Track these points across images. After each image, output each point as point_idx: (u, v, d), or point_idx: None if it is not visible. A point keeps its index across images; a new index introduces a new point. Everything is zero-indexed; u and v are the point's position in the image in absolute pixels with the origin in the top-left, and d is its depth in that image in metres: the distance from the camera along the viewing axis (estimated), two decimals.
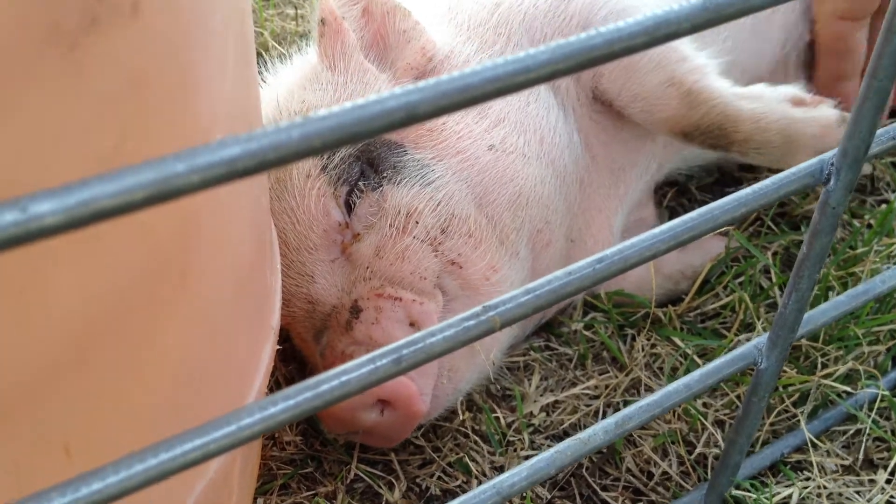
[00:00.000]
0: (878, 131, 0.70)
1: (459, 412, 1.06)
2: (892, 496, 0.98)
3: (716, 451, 1.04)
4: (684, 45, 1.12)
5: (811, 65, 1.42)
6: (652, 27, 0.49)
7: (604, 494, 1.02)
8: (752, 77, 1.28)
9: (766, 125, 1.08)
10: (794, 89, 1.12)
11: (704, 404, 1.09)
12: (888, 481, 1.00)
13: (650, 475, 1.03)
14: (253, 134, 0.40)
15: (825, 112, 1.10)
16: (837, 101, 1.14)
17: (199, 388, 0.67)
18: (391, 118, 0.43)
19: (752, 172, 1.40)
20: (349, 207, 0.99)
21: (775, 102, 1.10)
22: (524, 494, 0.99)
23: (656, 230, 0.65)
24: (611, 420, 0.79)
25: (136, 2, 0.47)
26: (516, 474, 0.73)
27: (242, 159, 0.40)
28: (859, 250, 1.21)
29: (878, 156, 0.72)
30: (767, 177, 1.30)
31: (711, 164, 1.38)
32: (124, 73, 0.49)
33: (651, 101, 1.11)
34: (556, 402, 1.11)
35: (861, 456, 1.03)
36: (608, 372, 1.14)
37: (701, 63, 1.11)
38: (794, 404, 1.08)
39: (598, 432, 0.77)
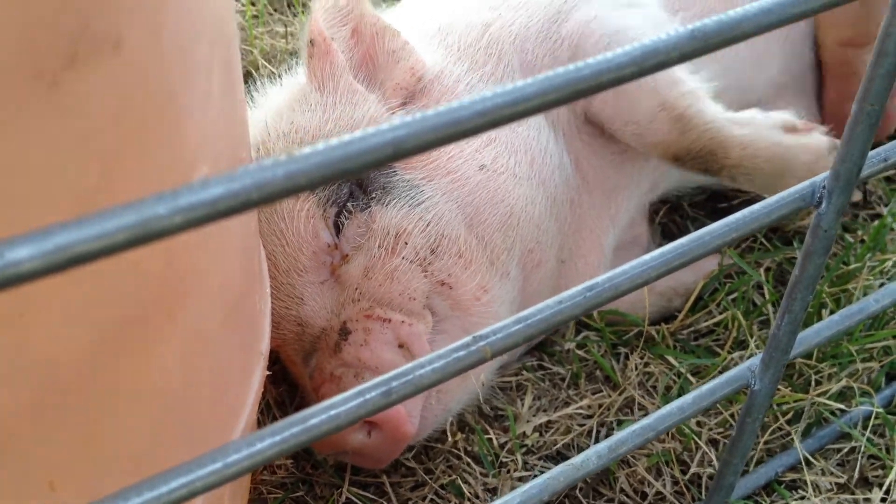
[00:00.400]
0: (870, 153, 0.69)
1: (450, 434, 1.05)
2: None
3: (710, 470, 1.03)
4: (677, 69, 1.11)
5: (817, 89, 1.45)
6: (640, 57, 0.49)
7: None
8: (746, 102, 1.27)
9: (756, 151, 1.07)
10: (786, 115, 1.11)
11: (698, 423, 1.08)
12: (883, 500, 1.00)
13: (644, 495, 1.03)
14: (236, 174, 0.39)
15: (816, 139, 1.09)
16: (830, 127, 1.14)
17: (188, 418, 0.67)
18: (378, 154, 0.42)
19: (744, 192, 1.39)
20: (338, 229, 0.98)
21: (766, 129, 1.09)
22: None
23: (647, 257, 0.64)
24: (603, 445, 0.78)
25: (119, 38, 0.47)
26: (509, 501, 0.72)
27: (225, 199, 0.39)
28: (852, 266, 1.21)
29: (868, 178, 0.71)
30: (759, 196, 1.30)
31: (705, 186, 1.38)
32: (107, 109, 0.48)
33: (643, 125, 1.10)
34: (549, 422, 1.10)
35: (856, 474, 1.03)
36: (601, 391, 1.13)
37: (693, 87, 1.10)
38: (788, 422, 1.07)
39: (590, 457, 0.77)
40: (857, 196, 1.38)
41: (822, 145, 1.08)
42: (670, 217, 1.38)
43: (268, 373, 0.83)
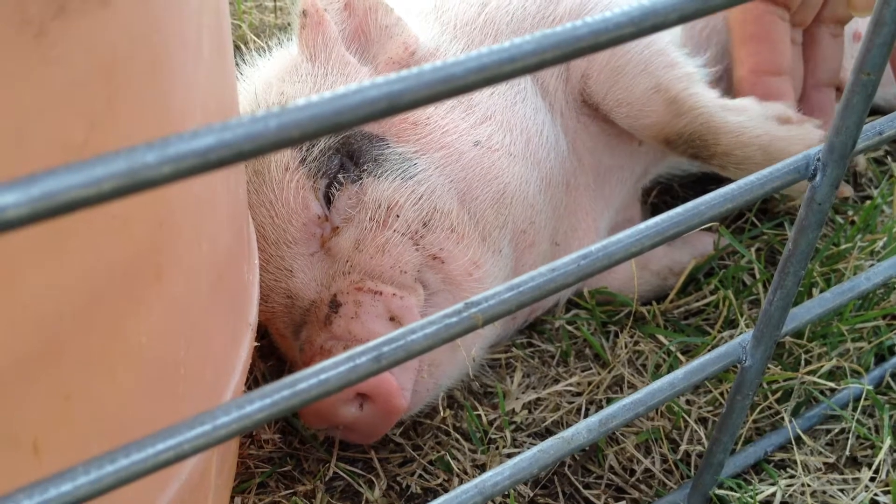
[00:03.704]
0: (865, 126, 0.69)
1: (440, 410, 1.05)
2: (875, 494, 0.98)
3: (699, 448, 1.03)
4: (674, 51, 1.11)
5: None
6: (639, 17, 0.48)
7: (586, 492, 1.01)
8: None
9: (748, 140, 1.06)
10: (781, 106, 1.10)
11: (688, 401, 1.08)
12: (872, 479, 1.00)
13: (632, 472, 1.02)
14: (228, 123, 0.38)
15: (808, 131, 1.08)
16: (820, 122, 1.11)
17: (174, 385, 0.66)
18: (372, 108, 0.41)
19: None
20: (328, 200, 0.97)
21: (760, 118, 1.08)
22: (507, 493, 0.97)
23: (641, 225, 0.64)
24: (594, 419, 0.77)
25: None
26: (499, 473, 0.72)
27: (216, 150, 0.38)
28: (842, 246, 1.21)
29: (863, 151, 0.71)
30: None
31: (696, 172, 1.37)
32: (94, 61, 0.47)
33: (636, 106, 1.09)
34: (539, 399, 1.09)
35: (845, 454, 1.03)
36: (591, 369, 1.13)
37: (689, 70, 1.09)
38: (778, 401, 1.07)
39: (581, 431, 0.76)
40: (848, 191, 1.35)
41: (813, 138, 1.07)
42: (661, 198, 1.38)
43: (256, 344, 0.82)
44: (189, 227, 0.62)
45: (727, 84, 1.28)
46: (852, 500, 0.97)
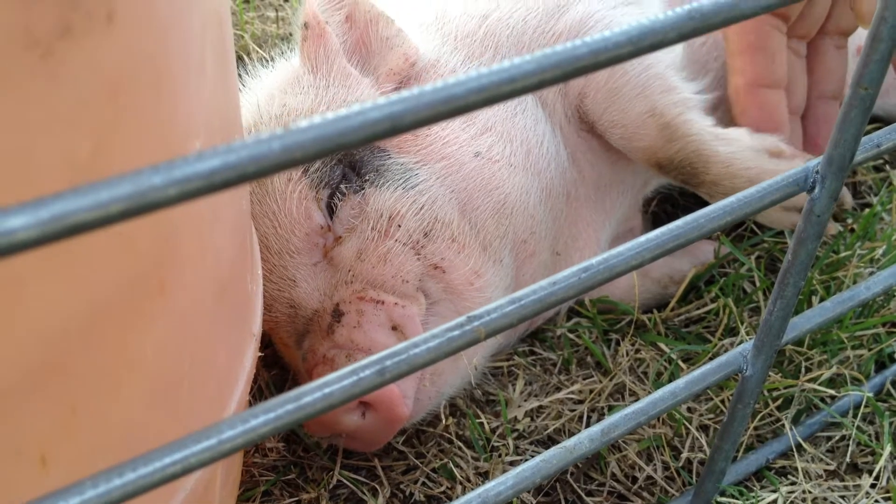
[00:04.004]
0: (863, 139, 0.70)
1: (443, 418, 1.05)
2: (876, 501, 0.98)
3: (700, 455, 1.04)
4: (672, 75, 1.11)
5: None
6: (637, 37, 0.49)
7: (588, 500, 1.01)
8: None
9: (736, 171, 1.06)
10: (774, 139, 1.10)
11: (689, 409, 1.08)
12: (872, 486, 1.00)
13: (634, 480, 1.03)
14: (232, 146, 0.39)
15: (798, 166, 1.07)
16: (810, 157, 1.11)
17: (178, 397, 0.66)
18: (374, 129, 0.42)
19: None
20: (331, 211, 0.98)
21: (751, 150, 1.07)
22: (509, 502, 0.98)
23: (642, 238, 0.64)
24: (596, 428, 0.78)
25: (112, 9, 0.46)
26: (501, 483, 0.72)
27: (221, 172, 0.39)
28: (842, 254, 1.22)
29: (862, 164, 0.72)
30: None
31: None
32: (100, 81, 0.48)
33: (630, 129, 1.10)
34: (541, 407, 1.10)
35: (846, 460, 1.03)
36: (592, 377, 1.14)
37: (686, 96, 1.09)
38: (779, 409, 1.08)
39: (583, 440, 0.77)
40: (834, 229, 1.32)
41: None
42: (661, 207, 1.39)
43: (260, 354, 0.82)
44: (192, 242, 0.63)
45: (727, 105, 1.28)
46: None
